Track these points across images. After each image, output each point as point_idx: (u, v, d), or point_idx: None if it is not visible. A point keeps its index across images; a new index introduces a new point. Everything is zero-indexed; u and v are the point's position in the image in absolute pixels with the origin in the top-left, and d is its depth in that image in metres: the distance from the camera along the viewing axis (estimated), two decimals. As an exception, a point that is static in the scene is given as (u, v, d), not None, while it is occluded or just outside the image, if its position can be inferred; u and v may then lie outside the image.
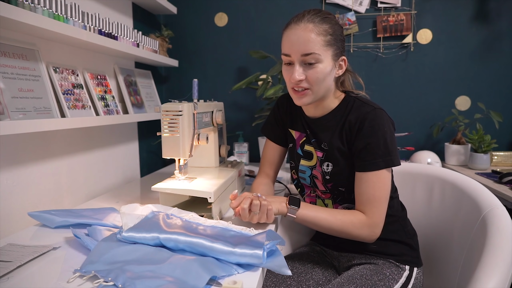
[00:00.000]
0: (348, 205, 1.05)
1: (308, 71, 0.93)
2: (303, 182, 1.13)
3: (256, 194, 0.92)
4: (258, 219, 0.90)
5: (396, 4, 1.96)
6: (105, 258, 0.72)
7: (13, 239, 0.88)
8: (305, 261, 1.13)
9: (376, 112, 0.95)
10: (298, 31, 0.92)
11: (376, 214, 0.94)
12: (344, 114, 1.00)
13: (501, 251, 0.82)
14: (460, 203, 1.09)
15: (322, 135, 1.04)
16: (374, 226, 0.94)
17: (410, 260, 1.04)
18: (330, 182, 1.03)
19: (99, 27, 1.26)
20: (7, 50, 0.97)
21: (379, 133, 0.93)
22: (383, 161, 0.93)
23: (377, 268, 1.00)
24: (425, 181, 1.26)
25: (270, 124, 1.21)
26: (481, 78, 1.98)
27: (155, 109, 1.10)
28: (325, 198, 1.08)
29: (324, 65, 0.93)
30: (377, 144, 0.93)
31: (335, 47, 0.95)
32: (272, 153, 1.20)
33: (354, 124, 0.96)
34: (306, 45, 0.91)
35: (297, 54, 0.92)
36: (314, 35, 0.91)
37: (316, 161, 1.06)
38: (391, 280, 0.97)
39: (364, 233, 0.95)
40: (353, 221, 0.94)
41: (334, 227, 0.95)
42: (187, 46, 2.19)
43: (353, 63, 2.05)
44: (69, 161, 1.27)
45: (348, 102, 1.01)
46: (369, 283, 0.95)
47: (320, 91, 0.96)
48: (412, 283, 0.99)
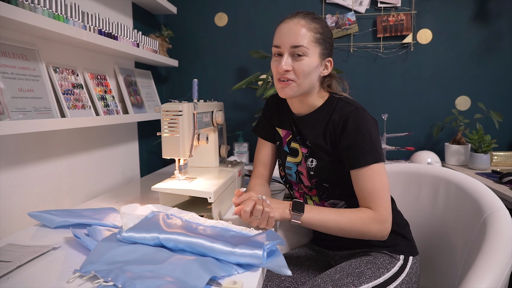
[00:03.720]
0: (334, 201, 1.06)
1: (295, 63, 0.97)
2: (290, 178, 1.14)
3: (261, 197, 0.91)
4: (257, 224, 0.89)
5: (396, 4, 1.97)
6: (105, 258, 0.72)
7: (13, 239, 0.88)
8: (302, 260, 1.14)
9: (358, 111, 0.98)
10: (290, 25, 0.97)
11: (382, 206, 0.93)
12: (328, 113, 1.03)
13: (496, 253, 0.82)
14: (463, 204, 1.09)
15: (306, 132, 1.07)
16: (384, 220, 0.93)
17: (404, 249, 1.04)
18: (315, 178, 1.04)
19: (99, 27, 1.26)
20: (7, 50, 0.97)
21: (364, 130, 0.95)
22: (371, 157, 0.94)
23: (368, 258, 1.01)
24: (430, 181, 1.25)
25: (261, 123, 1.23)
26: (481, 78, 1.98)
27: (155, 109, 1.10)
28: (312, 195, 1.09)
29: (311, 59, 0.97)
30: (363, 141, 0.95)
31: (323, 47, 0.99)
32: (265, 153, 1.20)
33: (338, 124, 0.99)
34: (296, 37, 0.95)
35: (287, 45, 0.96)
36: (305, 30, 0.96)
37: (302, 157, 1.08)
38: (381, 268, 0.97)
39: (375, 229, 0.93)
40: (362, 217, 0.92)
41: (343, 227, 0.93)
42: (187, 46, 2.19)
43: (353, 63, 2.06)
44: (69, 161, 1.27)
45: (332, 102, 1.04)
46: (357, 271, 0.96)
47: (304, 84, 0.99)
48: (406, 272, 1.00)
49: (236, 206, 0.93)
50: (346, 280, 0.93)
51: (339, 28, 2.01)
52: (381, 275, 0.96)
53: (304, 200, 1.14)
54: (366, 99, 2.05)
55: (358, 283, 0.92)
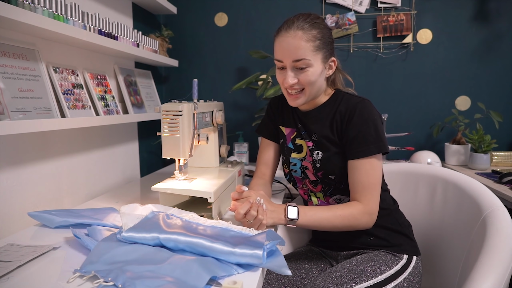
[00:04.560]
0: (339, 196, 1.06)
1: (299, 75, 0.98)
2: (295, 174, 1.14)
3: (258, 200, 0.92)
4: (248, 226, 0.89)
5: (396, 4, 1.97)
6: (105, 258, 0.72)
7: (13, 239, 0.88)
8: (303, 261, 1.13)
9: (365, 102, 1.00)
10: (289, 39, 0.96)
11: (371, 200, 0.98)
12: (334, 106, 1.05)
13: (499, 252, 0.82)
14: (462, 204, 1.09)
15: (312, 126, 1.08)
16: (372, 212, 0.98)
17: (408, 249, 1.05)
18: (321, 170, 1.05)
19: (99, 27, 1.26)
20: (7, 50, 0.97)
21: (370, 121, 0.98)
22: (375, 147, 0.97)
23: (370, 256, 1.02)
24: (427, 181, 1.26)
25: (265, 123, 1.23)
26: (481, 78, 1.98)
27: (155, 109, 1.10)
28: (317, 191, 1.10)
29: (315, 68, 0.98)
30: (368, 131, 0.97)
31: (324, 50, 0.99)
32: (268, 153, 1.21)
33: (344, 114, 1.01)
34: (297, 52, 0.95)
35: (289, 60, 0.97)
36: (304, 42, 0.95)
37: (306, 151, 1.09)
38: (382, 266, 0.98)
39: (364, 221, 0.98)
40: (353, 212, 0.97)
41: (335, 224, 0.97)
42: (187, 46, 2.19)
43: (353, 63, 2.06)
44: (69, 161, 1.27)
45: (337, 96, 1.06)
46: (358, 269, 0.96)
47: (313, 91, 1.01)
48: (409, 271, 1.00)
49: (233, 200, 0.94)
50: (347, 278, 0.93)
51: (339, 28, 2.01)
52: (383, 272, 0.96)
53: (308, 198, 1.14)
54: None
55: (359, 281, 0.93)
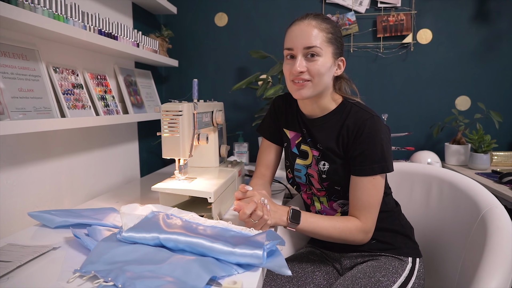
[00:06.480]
0: (343, 201, 1.06)
1: (309, 64, 0.97)
2: (299, 180, 1.14)
3: (263, 201, 0.92)
4: (252, 226, 0.89)
5: (396, 4, 1.97)
6: (105, 258, 0.72)
7: (13, 239, 0.88)
8: (305, 264, 1.12)
9: (374, 119, 0.98)
10: (302, 26, 0.97)
11: (369, 219, 0.98)
12: (342, 117, 1.02)
13: (502, 251, 0.82)
14: (459, 203, 1.10)
15: (318, 135, 1.06)
16: (368, 231, 0.99)
17: (411, 252, 1.06)
18: (327, 181, 1.04)
19: (99, 27, 1.26)
20: (7, 50, 0.97)
21: (377, 140, 0.96)
22: (378, 167, 0.96)
23: (379, 264, 1.02)
24: (422, 180, 1.26)
25: (267, 124, 1.22)
26: (481, 78, 1.98)
27: (155, 109, 1.10)
28: (320, 196, 1.10)
29: (325, 59, 0.97)
30: (374, 151, 0.96)
31: (335, 46, 0.99)
32: (268, 153, 1.20)
33: (352, 130, 0.99)
34: (309, 38, 0.95)
35: (300, 47, 0.96)
36: (317, 30, 0.96)
37: (312, 160, 1.08)
38: (394, 274, 0.98)
39: (359, 238, 0.99)
40: (350, 228, 0.98)
41: (332, 235, 0.98)
42: (187, 46, 2.19)
43: (353, 63, 2.06)
44: (69, 161, 1.27)
45: (346, 106, 1.04)
46: (373, 280, 0.96)
47: (320, 85, 0.99)
48: (415, 275, 1.01)
49: (237, 200, 0.93)
50: None
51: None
52: (395, 280, 0.97)
53: (311, 202, 1.13)
54: (366, 99, 2.01)
55: None
